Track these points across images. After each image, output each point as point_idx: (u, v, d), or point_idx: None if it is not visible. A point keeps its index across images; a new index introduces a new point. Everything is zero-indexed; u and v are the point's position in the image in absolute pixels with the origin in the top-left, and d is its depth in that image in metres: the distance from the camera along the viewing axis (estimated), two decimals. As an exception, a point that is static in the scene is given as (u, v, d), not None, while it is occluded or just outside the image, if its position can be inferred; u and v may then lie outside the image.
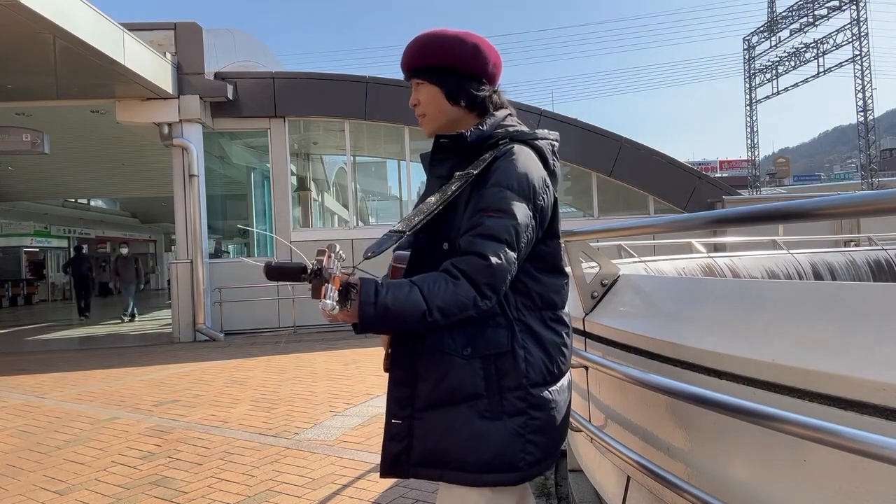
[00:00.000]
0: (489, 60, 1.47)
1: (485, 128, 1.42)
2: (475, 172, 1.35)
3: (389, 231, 1.32)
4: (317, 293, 1.17)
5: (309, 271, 1.20)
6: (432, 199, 1.35)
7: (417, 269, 1.38)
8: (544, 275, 1.43)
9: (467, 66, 1.45)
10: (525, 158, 1.37)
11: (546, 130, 1.50)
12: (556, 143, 1.50)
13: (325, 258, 1.19)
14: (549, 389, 1.39)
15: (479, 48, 1.46)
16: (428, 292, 1.24)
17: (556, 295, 1.45)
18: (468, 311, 1.27)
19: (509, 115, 1.49)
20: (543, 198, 1.38)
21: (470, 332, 1.34)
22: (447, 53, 1.44)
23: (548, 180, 1.41)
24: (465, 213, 1.34)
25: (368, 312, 1.21)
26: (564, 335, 1.45)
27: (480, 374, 1.34)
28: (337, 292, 1.18)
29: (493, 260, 1.26)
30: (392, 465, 1.39)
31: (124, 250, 15.43)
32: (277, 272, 1.26)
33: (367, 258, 1.28)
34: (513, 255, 1.29)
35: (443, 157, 1.47)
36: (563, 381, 1.45)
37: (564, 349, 1.44)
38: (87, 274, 16.90)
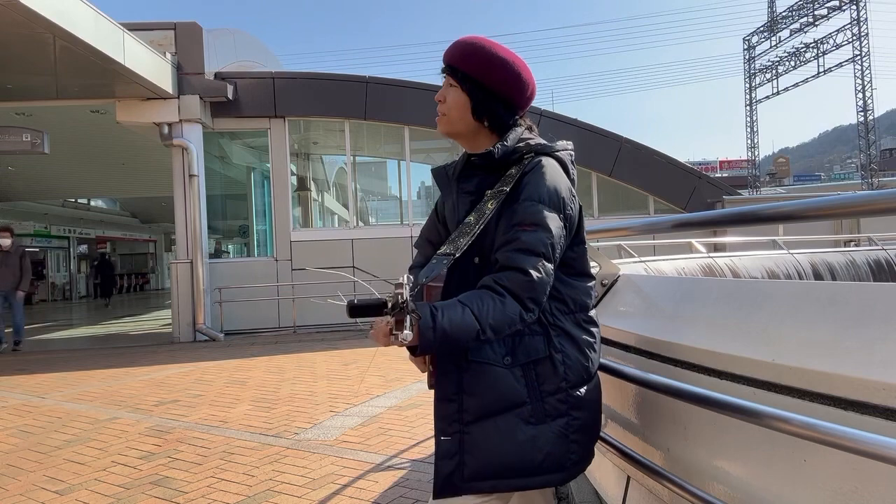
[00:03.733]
0: (526, 91, 1.50)
1: (508, 143, 1.45)
2: (507, 190, 1.38)
3: (438, 254, 1.36)
4: (400, 327, 1.19)
5: (390, 306, 1.21)
6: (471, 218, 1.39)
7: (450, 284, 1.43)
8: (574, 279, 1.47)
9: (504, 90, 1.47)
10: (552, 170, 1.42)
11: (564, 142, 1.53)
12: (573, 154, 1.54)
13: (403, 291, 1.20)
14: (586, 388, 1.43)
15: (521, 77, 1.48)
16: (479, 312, 1.27)
17: (586, 297, 1.49)
18: (515, 326, 1.32)
19: (527, 129, 1.51)
20: (572, 207, 1.43)
21: (508, 341, 1.38)
22: (489, 71, 1.46)
23: (573, 190, 1.46)
24: (498, 227, 1.37)
25: (428, 337, 1.23)
26: (595, 334, 1.50)
27: (522, 382, 1.37)
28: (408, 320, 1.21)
29: (535, 275, 1.30)
30: (445, 483, 1.40)
31: (5, 241, 9.94)
32: (360, 310, 1.26)
33: (423, 285, 1.33)
34: (550, 266, 1.34)
35: (470, 174, 1.50)
36: (596, 378, 1.49)
37: (596, 347, 1.49)
38: (112, 275, 22.58)
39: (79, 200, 26.43)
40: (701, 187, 13.56)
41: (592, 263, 2.40)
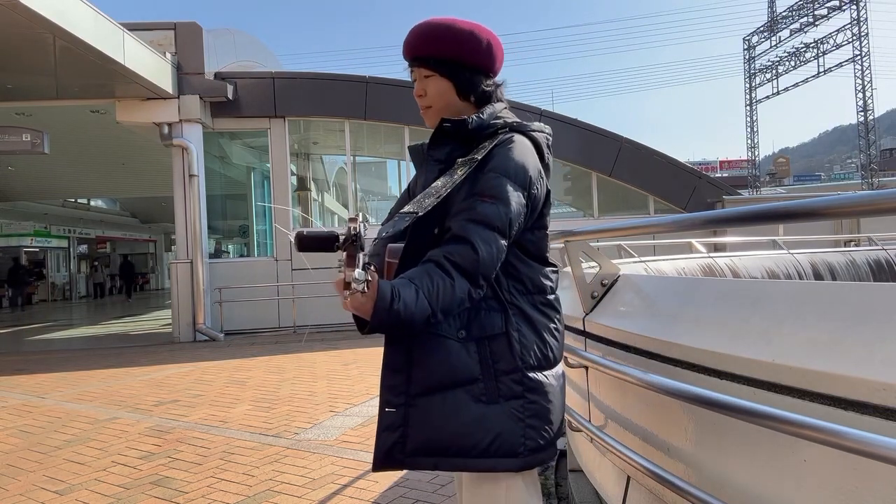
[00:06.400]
0: (498, 56, 1.50)
1: (484, 116, 1.43)
2: (479, 158, 1.35)
3: (401, 212, 1.30)
4: (351, 262, 1.12)
5: (342, 239, 1.15)
6: (439, 182, 1.34)
7: (409, 254, 1.38)
8: (531, 261, 1.45)
9: (479, 62, 1.46)
10: (523, 148, 1.39)
11: (540, 124, 1.51)
12: (550, 138, 1.52)
13: (356, 225, 1.14)
14: (545, 373, 1.40)
15: (491, 44, 1.47)
16: (430, 296, 1.23)
17: (545, 280, 1.46)
18: (465, 304, 1.30)
19: (505, 107, 1.51)
20: (537, 187, 1.40)
21: (464, 315, 1.35)
22: (460, 48, 1.44)
23: (542, 171, 1.43)
24: (459, 194, 1.34)
25: (382, 317, 1.19)
26: (556, 320, 1.46)
27: (476, 358, 1.34)
28: (364, 265, 1.13)
29: (484, 252, 1.27)
30: (386, 456, 1.36)
31: None
32: (309, 241, 1.22)
33: (383, 239, 1.28)
34: (503, 242, 1.31)
35: (441, 142, 1.46)
36: (558, 367, 1.46)
37: (557, 334, 1.46)
38: (134, 275, 26.91)
39: (79, 200, 26.43)
40: (701, 187, 13.56)
41: (592, 263, 2.41)
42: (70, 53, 8.55)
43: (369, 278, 1.14)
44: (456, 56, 1.44)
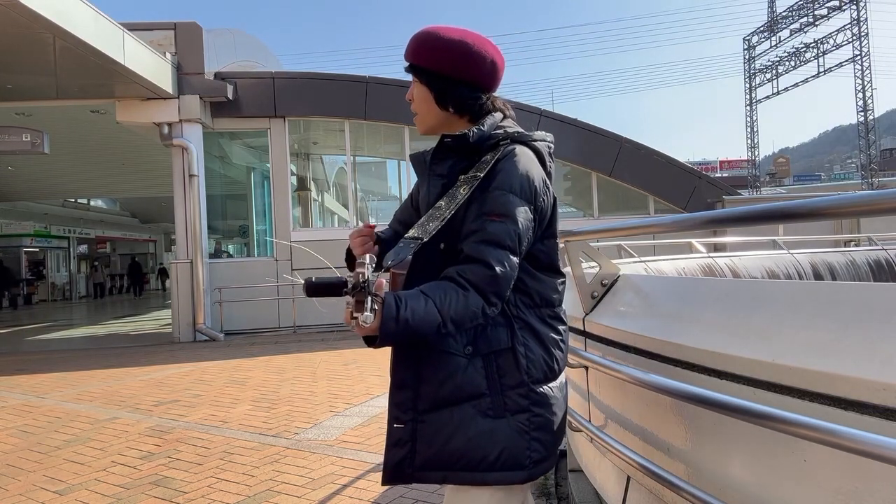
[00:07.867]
0: (483, 67, 1.45)
1: (485, 128, 1.42)
2: (481, 175, 1.35)
3: (405, 237, 1.31)
4: (360, 308, 1.14)
5: (351, 285, 1.16)
6: (442, 202, 1.35)
7: (415, 270, 1.39)
8: (541, 273, 1.45)
9: (458, 72, 1.44)
10: (526, 160, 1.39)
11: (542, 132, 1.51)
12: (552, 146, 1.51)
13: (364, 270, 1.16)
14: (550, 386, 1.40)
15: (471, 53, 1.43)
16: (441, 304, 1.24)
17: (553, 293, 1.46)
18: (477, 320, 1.30)
19: (505, 116, 1.49)
20: (544, 199, 1.40)
21: (470, 331, 1.36)
22: (438, 58, 1.43)
23: (548, 181, 1.43)
24: (467, 214, 1.35)
25: (390, 328, 1.20)
26: (562, 332, 1.47)
27: (482, 373, 1.35)
28: (371, 307, 1.16)
29: (498, 269, 1.28)
30: (395, 471, 1.38)
31: None
32: (318, 288, 1.23)
33: (388, 269, 1.28)
34: (515, 260, 1.32)
35: (443, 157, 1.46)
36: (562, 377, 1.46)
37: (562, 345, 1.46)
38: (142, 274, 29.36)
39: (79, 200, 26.44)
40: (701, 187, 13.56)
41: (592, 263, 2.41)
42: (70, 53, 8.55)
43: (376, 307, 1.17)
44: (433, 64, 1.44)
